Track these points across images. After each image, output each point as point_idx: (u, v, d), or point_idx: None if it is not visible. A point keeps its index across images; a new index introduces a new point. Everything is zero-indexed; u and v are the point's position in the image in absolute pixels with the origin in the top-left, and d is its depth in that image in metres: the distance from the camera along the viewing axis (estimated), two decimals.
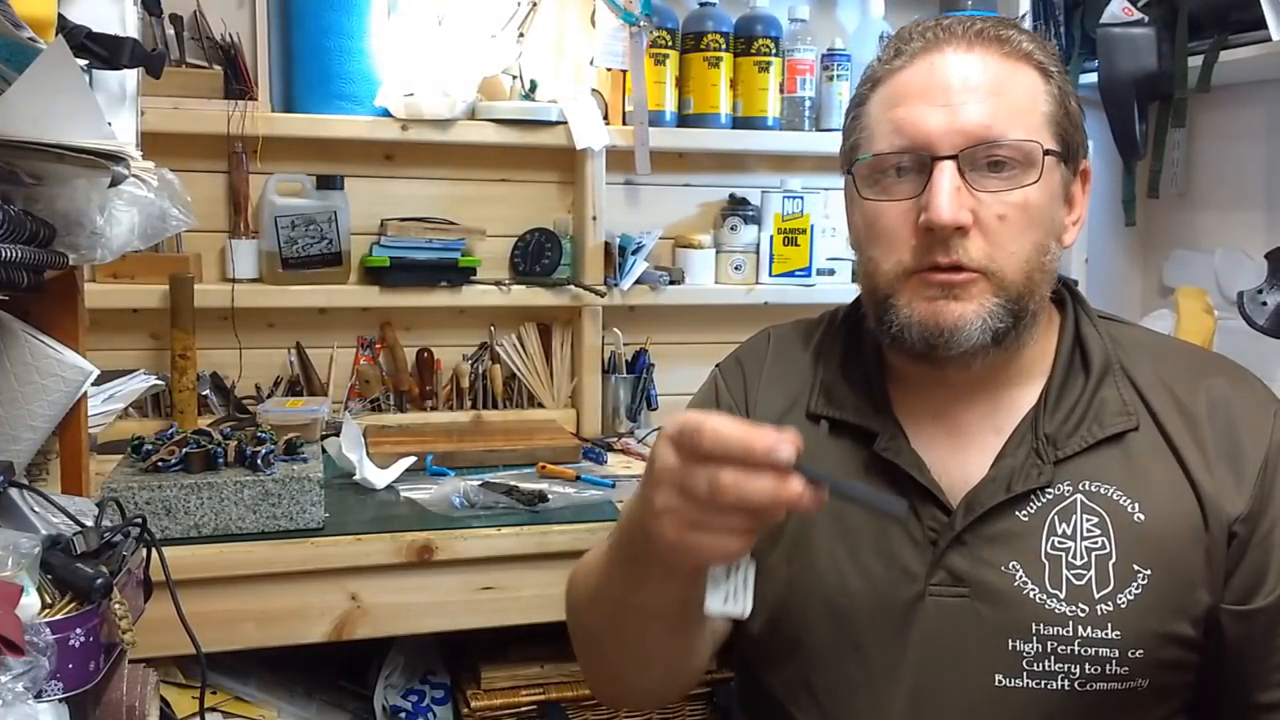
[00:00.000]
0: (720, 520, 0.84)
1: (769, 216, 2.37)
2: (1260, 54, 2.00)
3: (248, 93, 2.06)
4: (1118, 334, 1.18)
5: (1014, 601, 1.05)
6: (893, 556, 1.09)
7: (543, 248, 2.28)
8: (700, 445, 0.83)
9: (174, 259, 2.08)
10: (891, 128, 1.08)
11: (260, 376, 2.20)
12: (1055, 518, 1.07)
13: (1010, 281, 1.06)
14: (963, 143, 1.04)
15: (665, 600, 1.00)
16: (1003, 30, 1.09)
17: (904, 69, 1.10)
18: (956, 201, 1.03)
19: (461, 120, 2.17)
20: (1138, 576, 1.05)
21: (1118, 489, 1.07)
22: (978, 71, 1.07)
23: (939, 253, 1.05)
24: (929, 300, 1.06)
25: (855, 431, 1.15)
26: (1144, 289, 2.66)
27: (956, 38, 1.08)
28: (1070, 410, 1.11)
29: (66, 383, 1.12)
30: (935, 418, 1.14)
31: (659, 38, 2.25)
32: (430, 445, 2.01)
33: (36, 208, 0.97)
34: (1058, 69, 1.11)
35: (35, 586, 0.87)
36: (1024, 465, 1.08)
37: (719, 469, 0.83)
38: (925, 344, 1.07)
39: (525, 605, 1.66)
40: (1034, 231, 1.07)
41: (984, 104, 1.05)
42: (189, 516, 1.52)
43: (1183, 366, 1.15)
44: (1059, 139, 1.09)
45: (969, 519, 1.07)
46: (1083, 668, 1.04)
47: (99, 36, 1.07)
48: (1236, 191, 2.36)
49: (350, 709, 1.85)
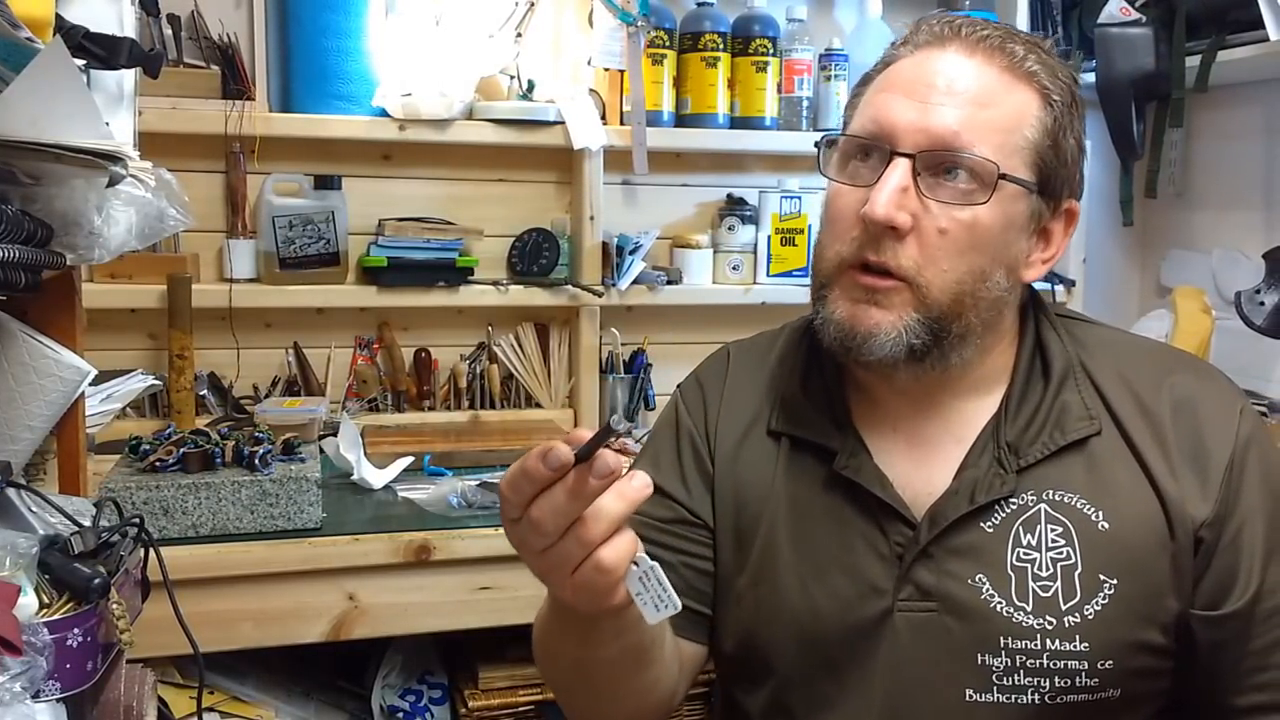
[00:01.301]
0: (573, 548, 0.83)
1: (766, 216, 2.37)
2: (1258, 54, 2.01)
3: (245, 93, 2.06)
4: (1080, 334, 1.16)
5: (981, 615, 1.04)
6: (859, 573, 1.08)
7: (540, 248, 2.28)
8: (509, 503, 0.84)
9: (172, 259, 2.08)
10: (870, 113, 1.07)
11: (258, 376, 2.20)
12: (1020, 528, 1.05)
13: (934, 299, 1.03)
14: (925, 143, 1.02)
15: (624, 647, 1.00)
16: (1012, 44, 1.06)
17: (905, 58, 1.08)
18: (896, 201, 1.01)
19: (459, 120, 2.17)
20: (1104, 586, 1.03)
21: (1081, 497, 1.06)
22: (969, 78, 1.04)
23: (869, 250, 1.03)
24: (852, 302, 1.05)
25: (816, 449, 1.13)
26: (1141, 289, 2.66)
27: (961, 39, 1.06)
28: (1031, 417, 1.09)
29: (64, 383, 1.12)
30: (895, 429, 1.12)
31: (656, 37, 2.25)
32: (428, 445, 2.01)
33: (34, 208, 0.97)
34: (1063, 100, 1.07)
35: (33, 586, 0.87)
36: (986, 475, 1.07)
37: (529, 510, 0.83)
38: (840, 345, 1.05)
39: (523, 605, 1.66)
40: (975, 255, 1.03)
41: (960, 111, 1.02)
42: (186, 516, 1.52)
43: (1145, 365, 1.13)
44: (1034, 168, 1.05)
45: (934, 532, 1.06)
46: (1052, 680, 1.03)
47: (97, 36, 1.07)
48: (1234, 191, 2.36)
49: (348, 709, 1.85)
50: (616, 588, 0.86)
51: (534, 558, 0.86)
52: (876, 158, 1.05)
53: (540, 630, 1.13)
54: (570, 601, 0.88)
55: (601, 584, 0.85)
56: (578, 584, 0.85)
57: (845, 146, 1.09)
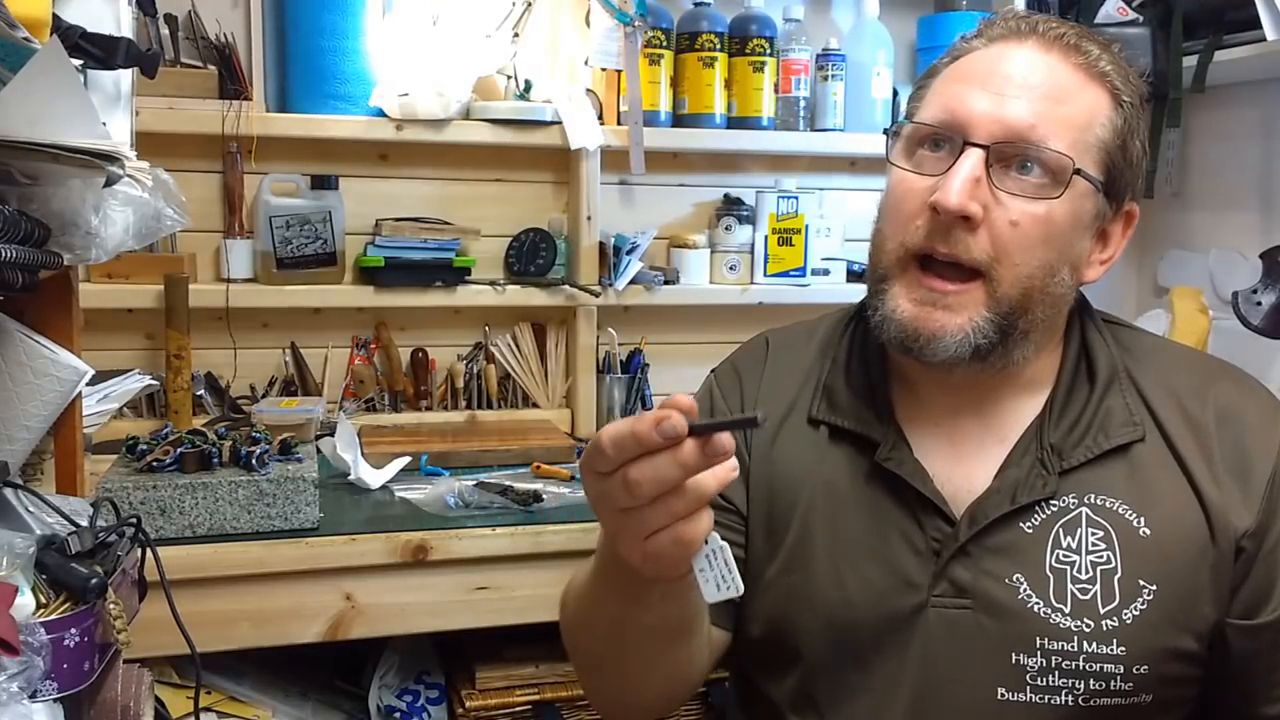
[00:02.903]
0: (659, 516, 0.83)
1: (764, 216, 2.37)
2: (1255, 54, 2.00)
3: (242, 93, 2.06)
4: (1126, 340, 1.16)
5: (1018, 614, 1.04)
6: (894, 566, 1.08)
7: (537, 248, 2.28)
8: (605, 458, 0.83)
9: (169, 259, 2.08)
10: (941, 102, 1.06)
11: (255, 376, 2.20)
12: (1060, 530, 1.05)
13: (1004, 293, 1.03)
14: (1000, 134, 1.01)
15: (666, 615, 1.00)
16: (1087, 43, 1.07)
17: (979, 50, 1.08)
18: (969, 190, 1.00)
19: (456, 120, 2.17)
20: (1143, 592, 1.04)
21: (1123, 502, 1.06)
22: (1044, 73, 1.04)
23: (939, 240, 1.02)
24: (916, 303, 1.04)
25: (857, 439, 1.13)
26: (1139, 289, 2.66)
27: (1039, 35, 1.06)
28: (1075, 420, 1.09)
29: (61, 383, 1.12)
30: (937, 424, 1.12)
31: (654, 38, 2.25)
32: (425, 445, 2.01)
33: (31, 208, 0.97)
34: (1133, 102, 1.07)
35: (30, 586, 0.87)
36: (1029, 476, 1.07)
37: (627, 470, 0.82)
38: (902, 345, 1.05)
39: (520, 605, 1.66)
40: (1045, 249, 1.03)
41: (1036, 105, 1.02)
42: (184, 516, 1.52)
43: (1191, 375, 1.13)
44: (1103, 168, 1.05)
45: (973, 530, 1.06)
46: (1087, 683, 1.03)
47: (94, 36, 1.07)
48: (1231, 192, 2.36)
49: (345, 709, 1.85)
50: (685, 561, 0.86)
51: (612, 515, 0.86)
52: (947, 148, 1.04)
53: (575, 599, 1.13)
54: (636, 564, 0.88)
55: (675, 555, 0.85)
56: (649, 551, 0.85)
57: (914, 134, 1.08)
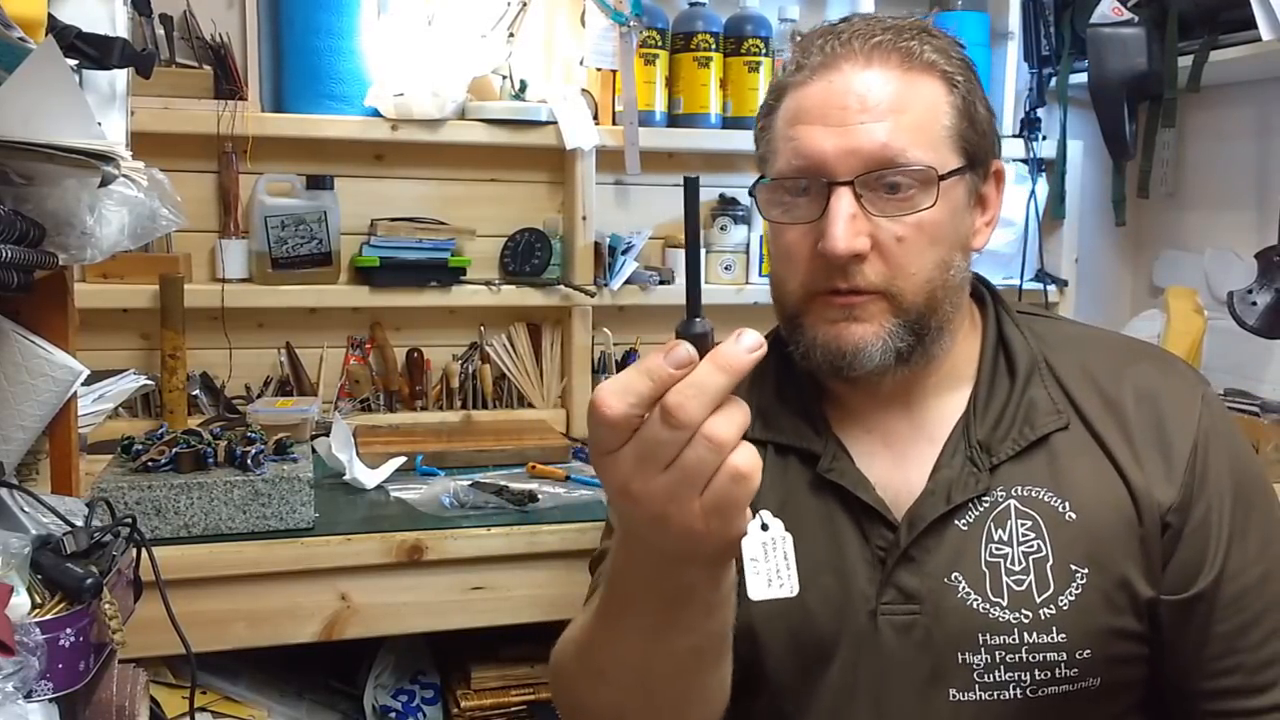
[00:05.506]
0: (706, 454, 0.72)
1: (759, 217, 2.36)
2: (1250, 54, 2.01)
3: (238, 92, 2.06)
4: (1041, 329, 1.17)
5: (959, 613, 1.05)
6: (847, 577, 1.09)
7: (533, 248, 2.28)
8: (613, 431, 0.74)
9: (164, 259, 2.07)
10: (792, 149, 1.07)
11: (250, 376, 2.20)
12: (991, 525, 1.07)
13: (910, 302, 1.05)
14: (859, 166, 1.03)
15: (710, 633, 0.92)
16: (904, 41, 1.07)
17: (804, 85, 1.08)
18: (852, 230, 1.02)
19: (451, 120, 2.17)
20: (1076, 576, 1.05)
21: (1048, 490, 1.07)
22: (876, 89, 1.04)
23: (838, 278, 1.04)
24: (831, 323, 1.06)
25: (798, 453, 1.14)
26: (1134, 289, 2.67)
27: (854, 53, 1.06)
28: (1000, 414, 1.10)
29: (56, 383, 1.12)
30: (869, 430, 1.13)
31: (649, 38, 2.25)
32: (420, 445, 2.01)
33: (26, 208, 0.96)
34: (963, 75, 1.09)
35: (25, 586, 0.87)
36: (961, 474, 1.08)
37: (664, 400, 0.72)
38: (830, 366, 1.07)
39: (515, 605, 1.66)
40: (934, 250, 1.06)
41: (881, 123, 1.03)
42: (179, 516, 1.52)
43: (1107, 356, 1.14)
44: (962, 151, 1.07)
45: (913, 534, 1.07)
46: (1032, 674, 1.03)
47: (89, 36, 1.07)
48: (1226, 191, 2.37)
49: (340, 709, 1.85)
50: (746, 509, 0.77)
51: (652, 485, 0.74)
52: (814, 189, 1.06)
53: (578, 654, 1.04)
54: (700, 532, 0.76)
55: (739, 496, 0.74)
56: (709, 504, 0.74)
57: (777, 188, 1.10)
